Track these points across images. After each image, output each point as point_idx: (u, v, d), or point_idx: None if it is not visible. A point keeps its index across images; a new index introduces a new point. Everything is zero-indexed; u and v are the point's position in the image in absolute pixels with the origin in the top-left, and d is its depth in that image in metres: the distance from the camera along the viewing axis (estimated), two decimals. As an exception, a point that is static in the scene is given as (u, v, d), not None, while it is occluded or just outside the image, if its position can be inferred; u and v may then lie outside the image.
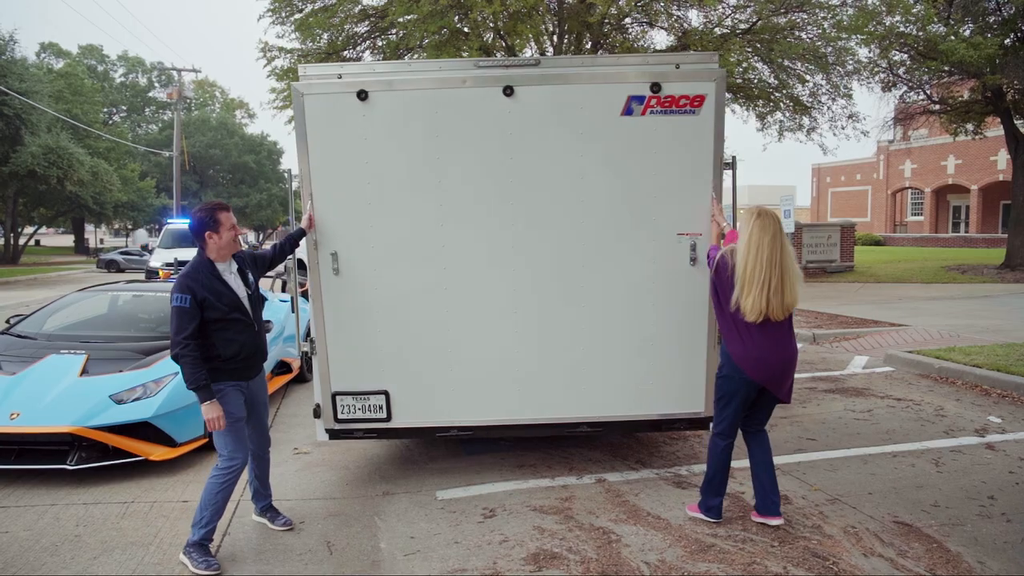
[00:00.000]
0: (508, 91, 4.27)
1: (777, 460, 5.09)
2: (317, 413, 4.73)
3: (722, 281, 3.81)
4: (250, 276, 3.94)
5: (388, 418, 4.63)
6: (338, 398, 4.62)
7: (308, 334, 4.78)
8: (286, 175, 4.72)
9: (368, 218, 4.41)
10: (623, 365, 4.61)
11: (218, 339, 3.67)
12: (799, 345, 10.22)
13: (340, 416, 4.65)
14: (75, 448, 4.75)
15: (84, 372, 5.16)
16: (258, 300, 3.98)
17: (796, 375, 8.15)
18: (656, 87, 4.25)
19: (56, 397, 4.88)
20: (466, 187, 4.40)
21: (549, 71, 4.36)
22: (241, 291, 3.83)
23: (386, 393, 4.59)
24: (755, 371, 3.78)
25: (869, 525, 4.00)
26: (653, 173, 4.37)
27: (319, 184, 4.36)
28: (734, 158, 4.47)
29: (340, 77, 4.46)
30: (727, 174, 4.47)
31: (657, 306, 4.53)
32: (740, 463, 5.03)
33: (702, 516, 4.07)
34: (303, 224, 4.37)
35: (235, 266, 3.87)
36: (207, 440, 5.27)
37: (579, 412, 4.68)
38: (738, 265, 3.68)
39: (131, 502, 4.47)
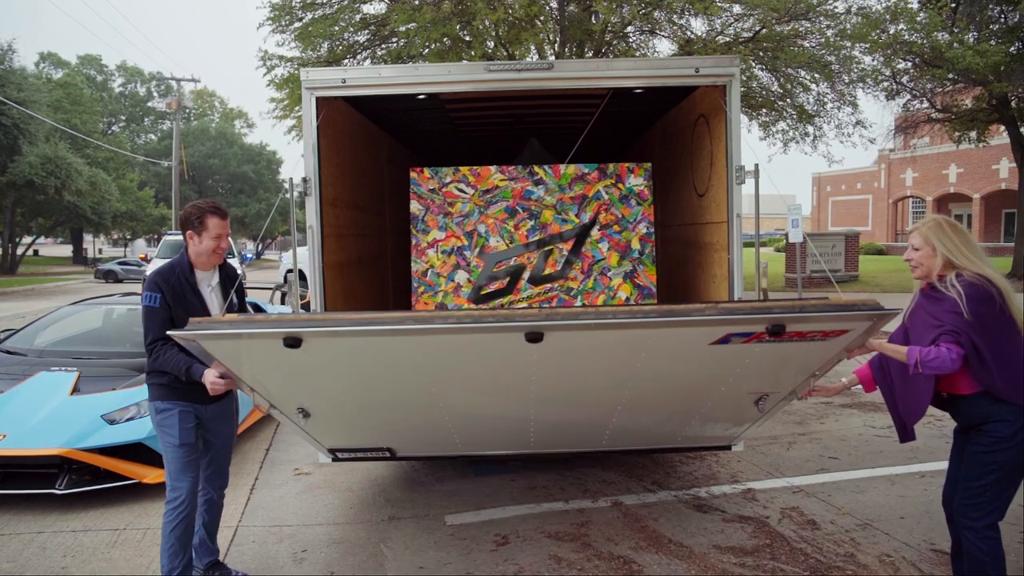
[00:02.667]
0: (534, 338, 2.81)
1: (800, 481, 4.90)
2: (319, 433, 4.50)
3: (996, 318, 2.79)
4: (233, 298, 3.45)
5: (391, 456, 4.21)
6: (338, 452, 4.13)
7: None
8: (286, 184, 4.51)
9: (337, 392, 3.38)
10: (654, 430, 4.05)
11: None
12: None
13: (340, 457, 4.19)
14: (64, 471, 4.52)
15: (75, 390, 4.93)
16: None
17: (810, 389, 7.96)
18: (777, 329, 2.85)
19: (45, 417, 4.65)
20: (469, 398, 3.43)
21: (604, 319, 2.86)
22: (215, 310, 3.37)
23: (390, 449, 4.08)
24: None
25: (905, 553, 3.77)
26: (736, 376, 3.30)
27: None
28: (757, 166, 4.27)
29: (344, 81, 4.28)
30: (749, 182, 4.27)
31: (704, 413, 3.79)
32: (762, 483, 4.82)
33: None
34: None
35: (217, 279, 3.42)
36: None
37: (597, 447, 4.31)
38: (998, 281, 2.82)
39: (123, 529, 4.23)
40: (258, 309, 7.77)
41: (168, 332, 2.95)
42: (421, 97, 4.78)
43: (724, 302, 3.41)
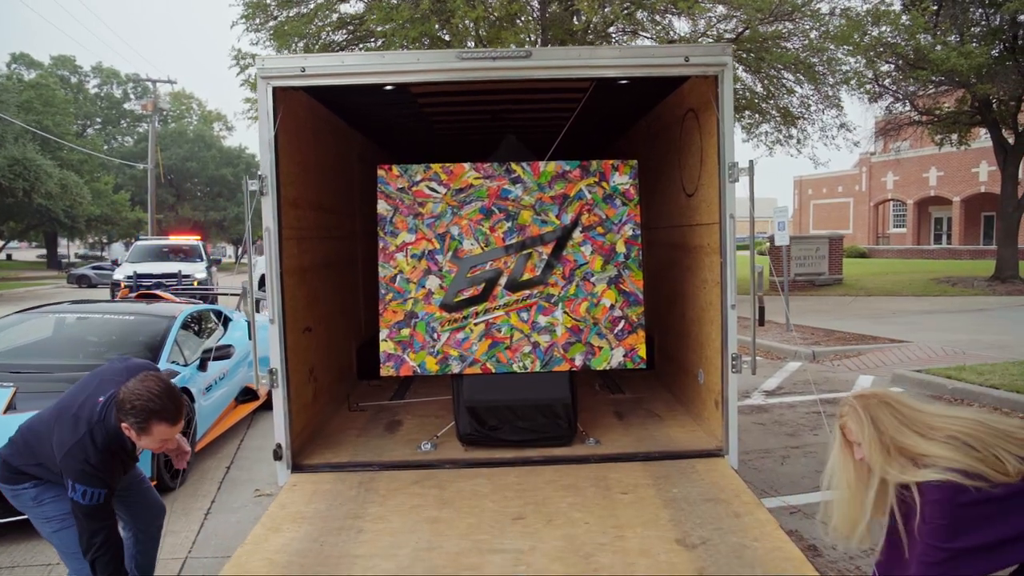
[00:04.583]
0: None
1: (796, 500, 4.59)
2: (278, 454, 4.13)
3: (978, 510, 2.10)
4: None
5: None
6: None
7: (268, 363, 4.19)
8: (243, 184, 4.11)
9: None
10: None
11: None
12: (798, 364, 9.75)
13: None
14: (-7, 499, 4.10)
15: (10, 408, 4.51)
16: None
17: (800, 397, 7.67)
18: None
19: (-27, 438, 4.22)
20: None
21: None
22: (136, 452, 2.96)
23: None
24: None
25: (916, 584, 3.46)
26: None
27: None
28: (751, 163, 3.95)
29: (304, 70, 3.92)
30: (744, 180, 3.95)
31: None
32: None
33: None
34: None
35: None
36: (154, 484, 4.64)
37: None
38: (955, 476, 2.08)
39: (56, 564, 3.82)
40: (224, 319, 7.35)
41: None
42: (388, 88, 4.42)
43: None
